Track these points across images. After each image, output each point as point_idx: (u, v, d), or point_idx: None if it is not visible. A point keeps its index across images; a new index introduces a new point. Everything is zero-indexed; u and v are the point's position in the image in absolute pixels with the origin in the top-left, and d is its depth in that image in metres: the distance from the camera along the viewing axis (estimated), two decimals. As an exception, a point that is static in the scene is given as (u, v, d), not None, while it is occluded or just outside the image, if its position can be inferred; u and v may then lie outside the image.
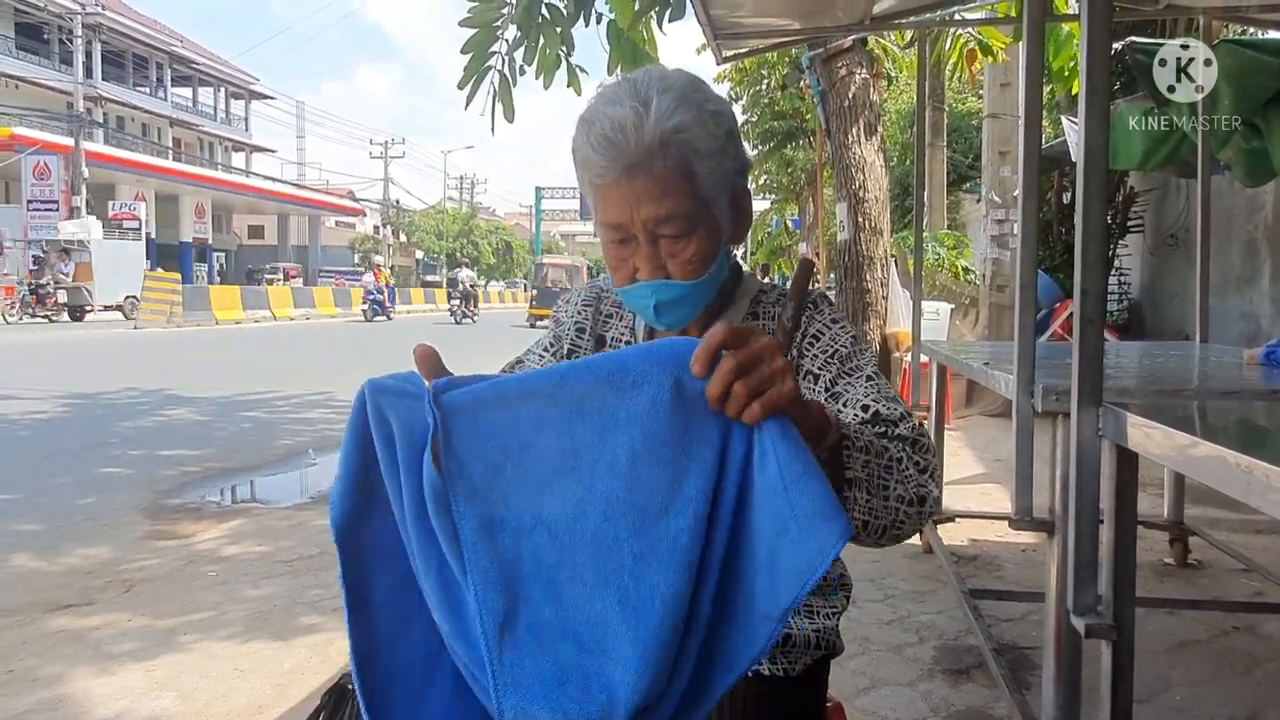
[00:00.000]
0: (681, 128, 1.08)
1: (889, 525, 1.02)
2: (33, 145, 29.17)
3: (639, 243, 1.11)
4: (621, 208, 1.09)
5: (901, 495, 1.02)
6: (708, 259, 1.13)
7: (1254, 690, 2.53)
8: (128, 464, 5.56)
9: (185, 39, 43.94)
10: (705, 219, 1.12)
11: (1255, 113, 3.66)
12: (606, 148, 1.07)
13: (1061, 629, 1.79)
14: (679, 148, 1.07)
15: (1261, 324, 6.64)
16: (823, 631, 1.19)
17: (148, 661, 2.67)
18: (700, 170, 1.09)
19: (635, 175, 1.07)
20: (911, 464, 1.04)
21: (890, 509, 1.01)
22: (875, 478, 1.00)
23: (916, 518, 1.03)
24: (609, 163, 1.07)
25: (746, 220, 1.20)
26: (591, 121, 1.09)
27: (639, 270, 1.12)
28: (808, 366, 1.17)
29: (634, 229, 1.10)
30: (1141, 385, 2.13)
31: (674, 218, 1.09)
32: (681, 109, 1.08)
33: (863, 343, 1.21)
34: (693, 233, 1.11)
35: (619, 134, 1.06)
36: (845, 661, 2.53)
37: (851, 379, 1.14)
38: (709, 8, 3.50)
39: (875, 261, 4.26)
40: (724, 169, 1.13)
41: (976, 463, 5.66)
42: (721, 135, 1.12)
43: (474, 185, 64.88)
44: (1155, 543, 3.67)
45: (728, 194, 1.15)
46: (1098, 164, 1.48)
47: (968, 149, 14.09)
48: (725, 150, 1.12)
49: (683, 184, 1.09)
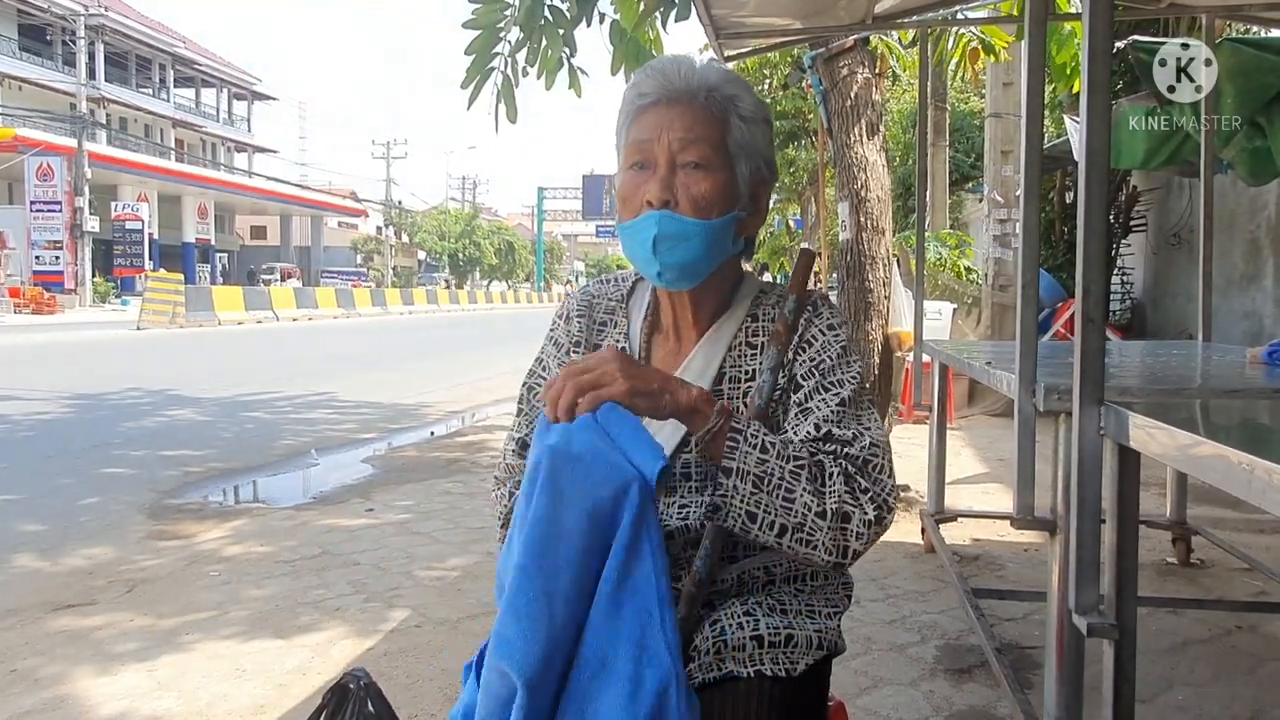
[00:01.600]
0: (727, 86, 1.18)
1: (792, 528, 1.05)
2: (36, 146, 29.23)
3: (657, 168, 1.16)
4: (653, 127, 1.16)
5: (810, 504, 1.05)
6: (718, 205, 1.16)
7: (1257, 690, 2.53)
8: (130, 464, 5.57)
9: (188, 39, 44.00)
10: (726, 168, 1.17)
11: (1258, 111, 3.65)
12: (658, 76, 1.17)
13: (1064, 628, 1.79)
14: (722, 100, 1.17)
15: (1264, 323, 6.63)
16: (824, 631, 1.19)
17: (149, 661, 2.67)
18: (735, 126, 1.17)
19: (675, 103, 1.16)
20: (843, 480, 1.07)
21: (795, 513, 1.05)
22: (773, 477, 1.05)
23: (832, 532, 1.06)
24: (656, 87, 1.17)
25: (761, 216, 1.24)
26: (652, 62, 1.21)
27: (649, 197, 1.14)
28: (796, 371, 1.18)
29: (657, 151, 1.15)
30: (1144, 384, 2.12)
31: (699, 144, 1.15)
32: (731, 79, 1.20)
33: (852, 355, 1.20)
34: (712, 170, 1.16)
35: (674, 68, 1.17)
36: (847, 661, 2.53)
37: (825, 396, 1.15)
38: (711, 8, 3.50)
39: (877, 261, 4.24)
40: (756, 141, 1.19)
41: (978, 462, 5.65)
42: (761, 115, 1.20)
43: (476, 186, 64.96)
44: (1158, 542, 3.67)
45: (752, 170, 1.20)
46: (1099, 163, 1.48)
47: (970, 148, 14.07)
48: (761, 128, 1.20)
49: (716, 127, 1.17)
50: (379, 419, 7.67)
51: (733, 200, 1.17)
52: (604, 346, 1.29)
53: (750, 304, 1.24)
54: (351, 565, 3.60)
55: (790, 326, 1.18)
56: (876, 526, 1.08)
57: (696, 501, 1.17)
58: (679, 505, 1.20)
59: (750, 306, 1.24)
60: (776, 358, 1.16)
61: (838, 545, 1.06)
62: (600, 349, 1.29)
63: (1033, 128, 1.98)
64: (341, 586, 3.34)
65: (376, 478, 5.36)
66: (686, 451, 1.19)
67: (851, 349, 1.20)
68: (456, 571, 3.53)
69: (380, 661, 2.64)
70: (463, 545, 3.88)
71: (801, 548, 1.07)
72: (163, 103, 42.26)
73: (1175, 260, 8.35)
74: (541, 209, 62.01)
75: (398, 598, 3.21)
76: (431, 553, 3.78)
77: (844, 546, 1.07)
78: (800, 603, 1.19)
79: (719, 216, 1.15)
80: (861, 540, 1.07)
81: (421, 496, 4.80)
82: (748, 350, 1.21)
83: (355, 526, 4.20)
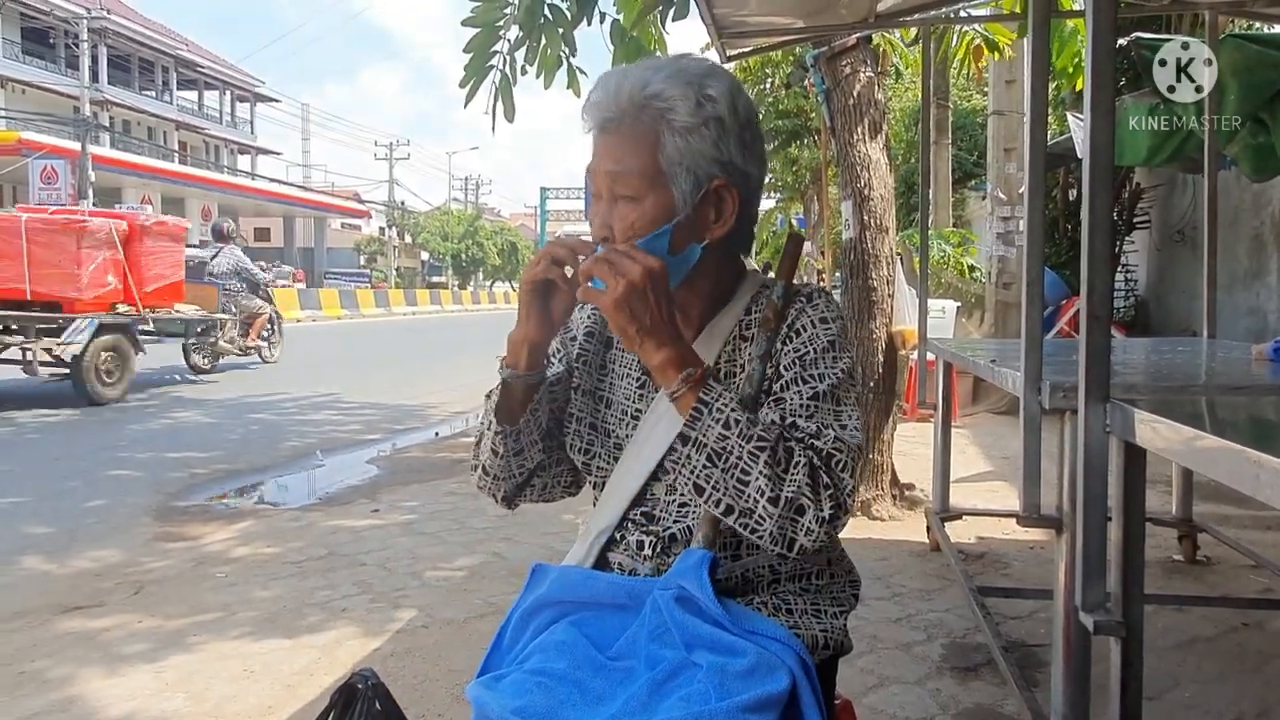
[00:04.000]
0: (659, 96, 1.12)
1: (740, 510, 1.06)
2: (40, 149, 29.25)
3: (602, 198, 1.16)
4: (594, 157, 1.16)
5: (763, 489, 1.04)
6: (649, 230, 1.13)
7: (1264, 687, 2.53)
8: (137, 466, 5.59)
9: (191, 42, 44.05)
10: (658, 190, 1.13)
11: (1262, 107, 3.65)
12: (598, 96, 1.15)
13: (1070, 626, 1.79)
14: (650, 114, 1.13)
15: (1269, 319, 6.62)
16: (830, 631, 1.19)
17: (157, 663, 2.68)
18: (668, 143, 1.12)
19: (605, 131, 1.15)
20: (808, 471, 1.05)
21: (747, 496, 1.05)
22: (730, 455, 1.05)
23: (781, 521, 1.04)
24: (593, 113, 1.15)
25: (724, 222, 1.17)
26: (599, 80, 1.18)
27: (595, 232, 1.16)
28: (780, 360, 1.17)
29: (599, 182, 1.16)
30: (1149, 381, 2.12)
31: (627, 176, 1.13)
32: (669, 82, 1.13)
33: (841, 351, 1.17)
34: (642, 201, 1.13)
35: (611, 87, 1.14)
36: (853, 660, 2.53)
37: (800, 388, 1.14)
38: (713, 6, 3.50)
39: (881, 259, 4.24)
40: (697, 151, 1.13)
41: (983, 460, 5.65)
42: (704, 118, 1.13)
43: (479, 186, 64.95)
44: (1164, 539, 3.66)
45: (698, 180, 1.14)
46: (1104, 159, 1.48)
47: (972, 146, 14.05)
48: (703, 134, 1.13)
49: (644, 149, 1.13)
50: (383, 420, 7.68)
51: (668, 216, 1.13)
52: (615, 340, 1.30)
53: (749, 300, 1.24)
54: (358, 566, 3.60)
55: (779, 314, 1.18)
56: (829, 526, 1.06)
57: (696, 501, 1.17)
58: (679, 504, 1.20)
59: (749, 302, 1.24)
60: (765, 345, 1.16)
61: (784, 536, 1.05)
62: (610, 342, 1.31)
63: (1037, 126, 1.98)
64: (348, 587, 3.34)
65: (382, 478, 5.37)
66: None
67: (842, 344, 1.17)
68: (463, 572, 3.54)
69: (387, 662, 2.64)
70: (468, 545, 3.89)
71: (745, 531, 1.08)
72: (166, 105, 42.30)
73: (1178, 257, 8.33)
74: (544, 209, 61.98)
75: (404, 598, 3.22)
76: (437, 553, 3.78)
77: (790, 539, 1.06)
78: (806, 602, 1.19)
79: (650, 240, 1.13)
80: (811, 537, 1.05)
81: (427, 497, 4.81)
82: (743, 344, 1.21)
83: (361, 527, 4.21)
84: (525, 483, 1.29)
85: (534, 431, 1.24)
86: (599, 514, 1.24)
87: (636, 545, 1.21)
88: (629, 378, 1.27)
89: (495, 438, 1.22)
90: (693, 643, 1.07)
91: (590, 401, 1.29)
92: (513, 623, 1.23)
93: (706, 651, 1.06)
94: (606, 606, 1.16)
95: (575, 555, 1.26)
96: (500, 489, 1.28)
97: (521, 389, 1.20)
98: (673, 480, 1.19)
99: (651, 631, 1.09)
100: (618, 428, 1.26)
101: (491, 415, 1.22)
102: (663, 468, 1.19)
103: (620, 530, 1.23)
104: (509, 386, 1.20)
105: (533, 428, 1.23)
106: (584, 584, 1.18)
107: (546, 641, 1.15)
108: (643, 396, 1.25)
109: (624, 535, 1.23)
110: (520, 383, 1.19)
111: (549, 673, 1.08)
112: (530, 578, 1.25)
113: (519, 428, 1.22)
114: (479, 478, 1.29)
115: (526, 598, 1.23)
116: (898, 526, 4.13)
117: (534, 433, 1.24)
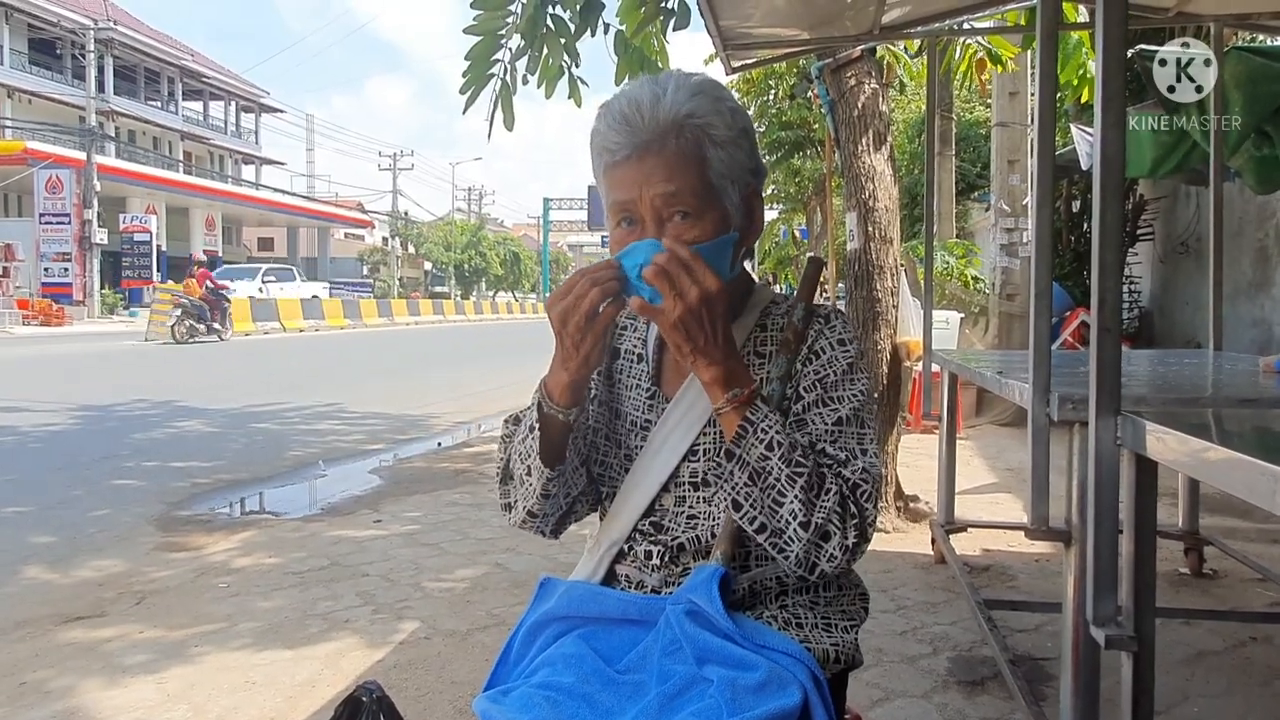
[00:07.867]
0: (697, 113, 1.10)
1: (771, 530, 1.06)
2: (45, 159, 29.39)
3: (644, 225, 1.11)
4: (630, 186, 1.11)
5: (796, 512, 1.05)
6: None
7: (1273, 702, 2.51)
8: (139, 476, 5.58)
9: (197, 53, 44.28)
10: (715, 205, 1.12)
11: (1266, 119, 3.65)
12: (622, 125, 1.10)
13: (1080, 640, 1.77)
14: (693, 132, 1.10)
15: (1274, 331, 6.60)
16: (841, 645, 1.18)
17: (159, 673, 2.67)
18: (713, 157, 1.11)
19: (647, 154, 1.09)
20: (838, 500, 1.06)
21: (780, 518, 1.05)
22: (769, 476, 1.05)
23: (808, 546, 1.05)
24: (623, 139, 1.10)
25: (758, 225, 1.20)
26: (611, 104, 1.13)
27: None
28: (801, 382, 1.16)
29: (641, 209, 1.11)
30: (1157, 394, 2.11)
31: (683, 195, 1.10)
32: (698, 98, 1.11)
33: (859, 373, 1.17)
34: (702, 216, 1.11)
35: (635, 112, 1.09)
36: (859, 673, 2.50)
37: (823, 411, 1.14)
38: (718, 18, 3.51)
39: (885, 270, 4.24)
40: (738, 162, 1.14)
41: (987, 472, 5.63)
42: (737, 130, 1.14)
43: (482, 197, 65.13)
44: (1170, 552, 3.64)
45: (740, 189, 1.16)
46: (1114, 170, 1.47)
47: (975, 158, 14.08)
48: (739, 145, 1.14)
49: (694, 166, 1.10)
50: (386, 430, 7.67)
51: (726, 230, 1.14)
52: (623, 350, 1.30)
53: (760, 314, 1.23)
54: (360, 576, 3.59)
55: (799, 335, 1.18)
56: (851, 554, 1.07)
57: (705, 513, 1.17)
58: (688, 515, 1.19)
59: (760, 317, 1.23)
60: (785, 366, 1.16)
61: (809, 559, 1.06)
62: (618, 353, 1.30)
63: (1045, 138, 1.98)
64: (350, 598, 3.33)
65: (384, 489, 5.36)
66: (695, 460, 1.18)
67: (860, 366, 1.18)
68: (465, 583, 3.52)
69: (390, 674, 2.63)
70: (471, 556, 3.88)
71: (773, 550, 1.08)
72: (171, 115, 42.50)
73: (1182, 269, 8.32)
74: (547, 220, 62.13)
75: (407, 609, 3.21)
76: (440, 564, 3.77)
77: (813, 563, 1.07)
78: (816, 616, 1.18)
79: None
80: (833, 563, 1.06)
81: (429, 508, 4.79)
82: (755, 360, 1.21)
83: (363, 538, 4.19)
84: (569, 511, 1.26)
85: (575, 459, 1.22)
86: (609, 527, 1.23)
87: (644, 555, 1.20)
88: (638, 389, 1.26)
89: (547, 484, 1.18)
90: (704, 657, 1.06)
91: (606, 412, 1.28)
92: (520, 636, 1.22)
93: (718, 666, 1.05)
94: (616, 621, 1.15)
95: (584, 568, 1.25)
96: (548, 524, 1.25)
97: (566, 425, 1.17)
98: (681, 492, 1.18)
99: (665, 647, 1.09)
100: (627, 439, 1.25)
101: (536, 460, 1.17)
102: (673, 479, 1.18)
103: (629, 542, 1.22)
104: (557, 426, 1.16)
105: (573, 456, 1.22)
106: (593, 600, 1.17)
107: (554, 655, 1.14)
108: (652, 407, 1.24)
109: (632, 546, 1.22)
110: (572, 418, 1.17)
111: (557, 687, 1.07)
112: (538, 591, 1.24)
113: (565, 464, 1.20)
114: (522, 520, 1.24)
115: (534, 611, 1.22)
116: (902, 539, 4.11)
117: (575, 460, 1.22)
